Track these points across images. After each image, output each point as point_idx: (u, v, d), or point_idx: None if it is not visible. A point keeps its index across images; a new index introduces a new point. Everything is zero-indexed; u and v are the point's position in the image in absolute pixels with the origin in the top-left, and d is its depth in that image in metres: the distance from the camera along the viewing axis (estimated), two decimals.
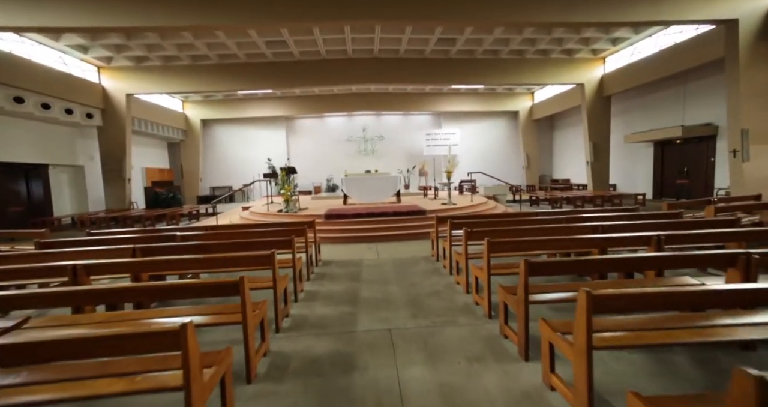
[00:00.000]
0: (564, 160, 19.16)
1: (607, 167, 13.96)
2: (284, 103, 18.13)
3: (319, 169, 19.48)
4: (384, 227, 7.84)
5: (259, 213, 9.42)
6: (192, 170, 18.13)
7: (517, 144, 19.89)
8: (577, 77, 13.57)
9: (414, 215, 8.29)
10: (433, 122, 20.12)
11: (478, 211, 9.17)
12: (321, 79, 13.18)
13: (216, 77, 12.83)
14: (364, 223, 8.01)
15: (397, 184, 10.79)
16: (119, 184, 12.53)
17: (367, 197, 10.62)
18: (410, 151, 19.85)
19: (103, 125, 12.32)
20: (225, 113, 18.09)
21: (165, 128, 16.60)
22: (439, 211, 8.61)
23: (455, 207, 9.04)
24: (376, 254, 6.28)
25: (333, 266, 5.52)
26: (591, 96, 13.68)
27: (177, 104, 17.54)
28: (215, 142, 19.00)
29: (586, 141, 14.00)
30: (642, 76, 11.90)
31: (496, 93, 18.76)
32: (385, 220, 8.06)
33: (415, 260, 5.73)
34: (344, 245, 7.29)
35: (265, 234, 4.80)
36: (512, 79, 13.58)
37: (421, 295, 4.09)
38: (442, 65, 13.29)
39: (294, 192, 9.26)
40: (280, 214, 8.88)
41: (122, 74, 12.34)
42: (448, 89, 18.08)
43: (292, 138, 19.74)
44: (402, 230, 7.77)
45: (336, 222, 8.08)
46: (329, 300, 4.05)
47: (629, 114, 14.02)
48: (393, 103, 18.39)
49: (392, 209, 8.51)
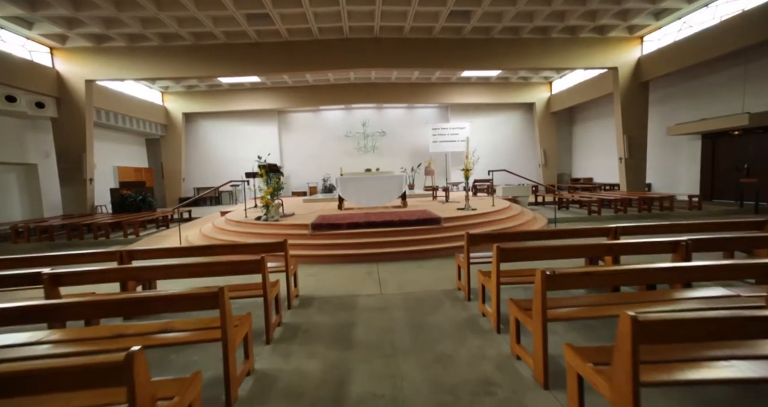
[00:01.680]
0: (585, 157, 17.32)
1: (644, 164, 12.12)
2: (275, 94, 16.35)
3: (315, 168, 17.72)
4: (388, 241, 6.04)
5: (234, 221, 7.64)
6: (174, 170, 16.37)
7: (532, 140, 18.05)
8: (609, 60, 11.72)
9: (426, 224, 6.49)
10: (440, 116, 18.31)
11: (511, 224, 7.36)
12: (313, 63, 11.38)
13: (191, 61, 11.04)
14: (363, 236, 6.21)
15: (403, 184, 9.00)
16: (79, 185, 10.76)
17: (366, 200, 8.83)
18: (415, 147, 18.05)
19: (58, 117, 10.55)
20: (209, 106, 16.31)
21: (142, 122, 14.84)
22: (456, 218, 6.81)
23: (476, 214, 7.23)
24: (378, 285, 4.48)
25: (313, 310, 3.72)
26: (626, 82, 11.83)
27: (156, 96, 15.78)
28: (199, 138, 17.22)
29: (618, 135, 12.15)
30: (691, 55, 10.04)
31: (510, 83, 16.92)
32: (390, 232, 6.26)
33: (434, 298, 3.93)
34: (336, 266, 5.49)
35: (198, 270, 3.00)
36: (534, 63, 11.74)
37: (461, 390, 2.28)
38: (454, 47, 11.47)
39: (276, 195, 7.48)
40: (257, 223, 7.10)
41: (80, 57, 10.56)
42: (457, 78, 16.27)
43: (284, 134, 17.96)
44: (411, 245, 5.98)
45: (326, 235, 6.28)
46: (294, 402, 2.25)
47: (668, 103, 12.17)
48: (396, 94, 16.59)
49: (398, 217, 6.72)
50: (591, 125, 16.62)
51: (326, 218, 7.11)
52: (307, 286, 4.52)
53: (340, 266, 5.48)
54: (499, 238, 3.72)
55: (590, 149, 16.77)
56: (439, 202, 9.92)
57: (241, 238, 6.73)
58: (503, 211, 7.89)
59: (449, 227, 6.47)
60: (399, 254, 5.78)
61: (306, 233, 6.33)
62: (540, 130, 17.44)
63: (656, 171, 12.68)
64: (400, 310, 3.59)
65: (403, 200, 9.09)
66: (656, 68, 11.26)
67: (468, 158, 8.02)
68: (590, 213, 9.23)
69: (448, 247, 5.93)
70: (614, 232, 3.67)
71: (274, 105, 16.53)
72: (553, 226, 8.03)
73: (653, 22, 10.75)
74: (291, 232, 6.45)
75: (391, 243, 6.01)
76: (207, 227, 8.10)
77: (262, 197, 7.25)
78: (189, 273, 2.89)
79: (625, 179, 12.14)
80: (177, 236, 8.35)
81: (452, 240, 6.17)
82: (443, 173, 17.96)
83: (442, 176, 17.87)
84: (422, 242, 6.07)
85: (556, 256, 3.00)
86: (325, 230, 6.36)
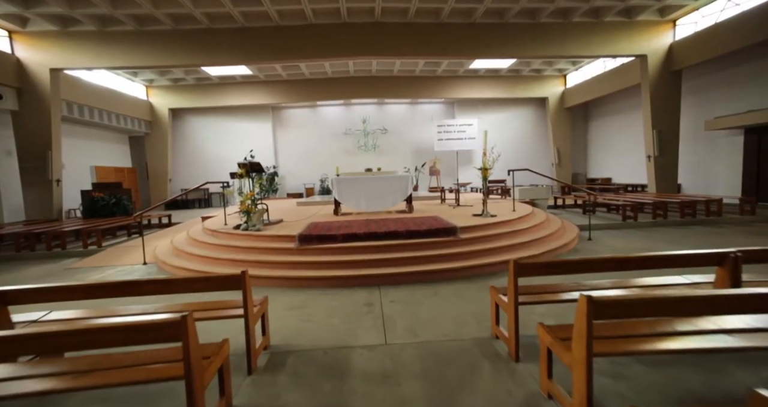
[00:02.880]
0: (602, 155, 16.09)
1: (676, 162, 10.89)
2: (269, 88, 15.17)
3: (312, 168, 16.54)
4: (394, 259, 4.83)
5: (210, 231, 6.44)
6: (159, 170, 15.19)
7: (545, 137, 16.83)
8: (638, 47, 10.49)
9: (439, 235, 5.28)
10: (446, 112, 17.11)
11: (539, 235, 6.15)
12: (307, 51, 10.18)
13: (170, 48, 9.85)
14: (362, 251, 5.01)
15: (408, 186, 7.79)
16: (44, 187, 9.59)
17: (366, 204, 7.63)
18: (419, 146, 16.86)
19: (19, 110, 9.38)
20: (198, 101, 15.12)
21: (123, 118, 13.67)
22: (475, 228, 5.60)
23: (496, 222, 6.02)
24: (382, 326, 3.27)
25: (285, 378, 2.50)
26: (655, 71, 10.60)
27: (139, 90, 14.60)
28: (187, 136, 16.03)
29: (647, 130, 10.93)
30: (738, 38, 8.81)
31: (522, 76, 15.71)
32: (395, 246, 5.06)
33: (464, 353, 2.72)
34: (328, 292, 4.30)
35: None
36: (553, 50, 10.52)
37: None
38: (464, 32, 10.27)
39: (258, 198, 6.28)
40: (235, 233, 5.90)
41: (44, 42, 9.38)
42: (465, 71, 15.07)
43: (279, 131, 16.79)
44: (422, 264, 4.77)
45: (317, 250, 5.08)
46: None
47: (701, 94, 10.93)
48: (398, 88, 15.40)
49: (405, 226, 5.52)
50: (609, 121, 15.39)
51: (318, 226, 5.91)
52: (284, 328, 3.31)
53: (332, 292, 4.28)
54: (559, 268, 2.52)
55: (609, 147, 15.55)
56: (449, 206, 8.72)
57: (214, 252, 5.54)
58: (527, 218, 6.68)
59: (468, 240, 5.27)
60: (407, 275, 4.57)
61: (292, 246, 5.13)
62: (553, 126, 16.23)
63: (687, 170, 11.45)
64: (416, 379, 2.38)
65: (409, 204, 7.89)
66: (691, 55, 10.04)
67: (486, 155, 6.81)
68: (625, 219, 8.01)
69: (469, 266, 4.72)
70: (733, 262, 2.45)
71: (268, 100, 15.37)
72: (588, 237, 6.82)
73: (690, 2, 9.53)
74: (273, 246, 5.25)
75: (397, 261, 4.81)
76: (180, 238, 6.91)
77: (241, 202, 6.05)
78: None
79: (654, 179, 10.91)
80: (148, 246, 7.17)
81: (473, 257, 4.97)
82: (449, 173, 16.78)
83: (448, 176, 16.69)
84: (436, 260, 4.86)
85: (675, 312, 1.80)
86: (315, 243, 5.16)
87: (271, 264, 4.91)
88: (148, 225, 9.96)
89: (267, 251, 5.21)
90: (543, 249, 5.44)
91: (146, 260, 6.12)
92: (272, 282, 4.61)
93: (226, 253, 5.42)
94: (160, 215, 10.20)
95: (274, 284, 4.60)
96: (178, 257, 5.90)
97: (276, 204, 11.25)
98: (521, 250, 5.34)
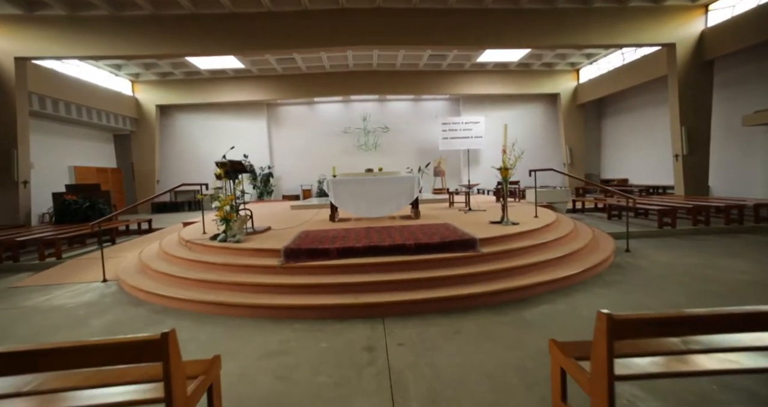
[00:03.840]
0: (617, 155, 15.13)
1: (707, 161, 9.94)
2: (263, 84, 14.26)
3: (310, 168, 15.59)
4: (400, 281, 3.87)
5: (185, 241, 5.49)
6: (146, 170, 14.26)
7: (556, 136, 15.88)
8: (665, 35, 9.55)
9: (456, 249, 4.32)
10: (451, 109, 16.16)
11: (571, 248, 5.19)
12: (302, 39, 9.25)
13: (150, 35, 8.93)
14: (360, 270, 4.06)
15: (414, 188, 6.84)
16: (9, 189, 8.65)
17: (367, 208, 6.69)
18: (422, 145, 15.92)
19: None
20: (188, 97, 14.20)
21: (107, 114, 12.75)
22: (496, 240, 4.65)
23: (519, 232, 5.05)
24: (390, 392, 2.31)
25: None
26: (685, 61, 9.65)
27: (124, 85, 13.68)
28: (176, 134, 15.08)
29: (674, 126, 9.98)
30: None
31: (532, 71, 14.77)
32: (402, 264, 4.10)
33: None
34: (316, 326, 3.34)
35: None
36: (572, 39, 9.58)
37: None
38: (473, 19, 9.34)
39: (236, 203, 5.33)
40: (212, 245, 4.94)
41: (7, 28, 8.44)
42: (471, 65, 14.13)
43: (275, 130, 15.86)
44: (437, 289, 3.81)
45: (305, 268, 4.12)
46: None
47: (735, 87, 9.90)
48: (401, 84, 14.49)
49: (413, 238, 4.57)
50: (625, 118, 14.43)
51: (310, 237, 4.96)
52: (252, 393, 2.35)
53: (323, 326, 3.33)
54: (683, 326, 1.56)
55: (625, 146, 14.58)
56: (459, 210, 7.77)
57: (184, 270, 4.59)
58: (553, 227, 5.72)
59: (490, 256, 4.31)
60: (418, 304, 3.61)
61: (276, 264, 4.18)
62: (565, 124, 15.29)
63: (716, 170, 10.47)
64: None
65: (415, 208, 6.94)
66: (725, 43, 9.10)
67: (505, 152, 5.86)
68: (661, 226, 7.04)
69: (495, 291, 3.77)
70: None
71: (263, 96, 14.46)
72: (626, 248, 5.84)
73: None
74: (253, 263, 4.30)
75: (404, 284, 3.85)
76: (150, 249, 5.96)
77: (218, 208, 5.11)
78: None
79: (682, 180, 9.95)
80: (117, 258, 6.23)
81: (498, 278, 4.01)
82: (454, 174, 15.84)
83: (453, 177, 15.75)
84: (453, 282, 3.90)
85: None
86: (303, 260, 4.20)
87: (249, 288, 3.96)
88: (126, 231, 9.02)
89: (245, 270, 4.26)
90: (581, 267, 4.47)
91: (107, 277, 5.18)
92: (249, 312, 3.66)
93: (197, 270, 4.47)
94: (140, 220, 9.25)
95: (252, 314, 3.65)
96: (143, 274, 4.95)
97: (268, 208, 10.31)
98: (555, 268, 4.37)
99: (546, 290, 3.99)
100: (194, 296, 3.94)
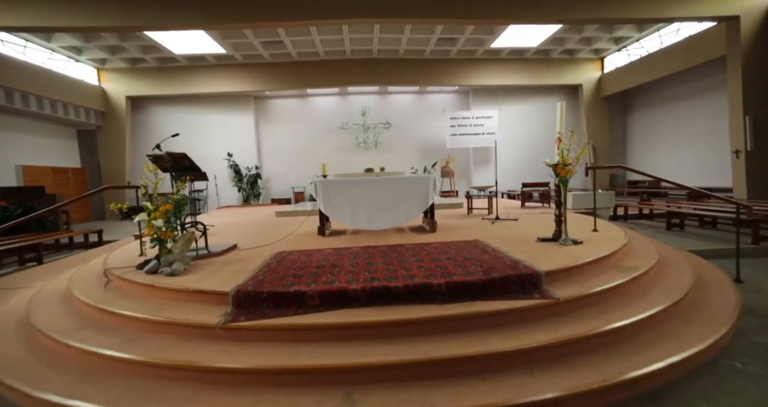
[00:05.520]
0: (647, 152, 13.53)
1: None
2: (250, 73, 12.62)
3: (302, 169, 13.91)
4: (429, 362, 2.17)
5: (105, 271, 3.79)
6: (115, 170, 12.55)
7: (577, 132, 14.20)
8: (727, 6, 7.94)
9: (510, 291, 2.64)
10: (459, 102, 14.54)
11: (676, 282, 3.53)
12: (288, 9, 7.60)
13: (102, 2, 7.25)
14: (359, 335, 2.36)
15: (429, 192, 5.16)
16: None
17: (367, 218, 5.02)
18: (428, 142, 14.29)
19: None
20: (162, 88, 12.53)
21: (66, 106, 11.05)
22: (563, 273, 2.97)
23: (596, 260, 3.37)
24: None
25: None
26: (749, 36, 8.04)
27: (89, 73, 11.99)
28: (150, 130, 13.36)
29: (735, 117, 8.36)
30: None
31: (551, 59, 13.18)
32: (427, 323, 2.41)
33: None
34: None
35: None
36: (616, 11, 7.96)
37: None
38: None
39: (179, 216, 3.65)
40: (132, 282, 3.24)
41: None
42: (484, 52, 12.54)
43: (263, 125, 14.19)
44: (493, 377, 2.12)
45: (264, 330, 2.42)
46: None
47: None
48: (404, 73, 12.90)
49: (439, 269, 2.90)
50: (656, 112, 12.83)
51: (283, 266, 3.27)
52: None
53: None
54: None
55: (656, 142, 12.98)
56: (484, 219, 6.10)
57: (81, 326, 2.89)
58: (629, 248, 4.04)
59: (567, 304, 2.62)
60: None
61: (217, 322, 2.48)
62: (588, 120, 13.70)
63: None
64: None
65: (431, 219, 5.27)
66: None
67: (561, 140, 4.20)
68: (757, 241, 5.39)
69: (599, 388, 2.08)
70: None
71: (249, 87, 12.82)
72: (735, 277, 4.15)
73: None
74: (184, 319, 2.60)
75: (438, 367, 2.16)
76: (57, 283, 4.26)
77: (147, 224, 3.42)
78: None
79: (744, 180, 8.32)
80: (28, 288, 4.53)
81: (588, 350, 2.33)
82: (463, 175, 14.22)
83: (463, 178, 14.13)
84: (514, 361, 2.21)
85: None
86: (262, 312, 2.51)
87: (166, 370, 2.26)
88: (69, 245, 7.30)
89: (171, 329, 2.57)
90: (715, 326, 2.78)
91: None
92: None
93: (98, 330, 2.77)
94: (87, 231, 7.52)
95: None
96: (25, 326, 3.24)
97: (248, 214, 8.63)
98: (669, 331, 2.69)
99: (667, 380, 2.28)
100: (62, 390, 2.23)
